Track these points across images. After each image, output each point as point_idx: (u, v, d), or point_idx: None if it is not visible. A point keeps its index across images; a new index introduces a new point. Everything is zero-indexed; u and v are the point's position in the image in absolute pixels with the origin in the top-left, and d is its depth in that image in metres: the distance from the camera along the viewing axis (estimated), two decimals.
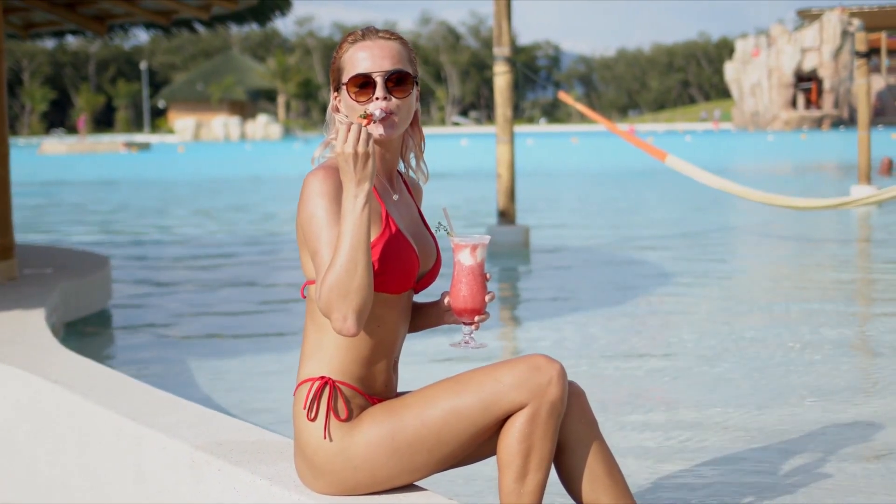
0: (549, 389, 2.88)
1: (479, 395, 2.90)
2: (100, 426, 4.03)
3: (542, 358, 2.92)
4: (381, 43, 2.98)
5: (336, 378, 2.95)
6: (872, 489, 4.53)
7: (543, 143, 71.19)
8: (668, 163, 12.86)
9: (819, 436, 5.34)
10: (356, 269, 2.76)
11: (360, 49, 2.97)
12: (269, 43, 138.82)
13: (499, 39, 14.32)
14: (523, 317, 9.67)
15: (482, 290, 3.02)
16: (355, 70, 2.95)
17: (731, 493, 4.51)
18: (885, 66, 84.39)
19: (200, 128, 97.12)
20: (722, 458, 5.00)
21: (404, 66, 2.98)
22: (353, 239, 2.76)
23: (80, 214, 22.75)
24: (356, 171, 2.76)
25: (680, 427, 5.57)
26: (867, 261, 13.14)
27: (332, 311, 2.78)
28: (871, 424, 5.55)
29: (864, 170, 20.50)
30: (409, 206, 3.12)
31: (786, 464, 4.88)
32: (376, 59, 2.94)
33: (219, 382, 6.95)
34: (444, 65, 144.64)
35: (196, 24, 12.37)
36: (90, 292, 9.05)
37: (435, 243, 3.14)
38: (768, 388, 6.38)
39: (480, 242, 3.01)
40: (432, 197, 16.84)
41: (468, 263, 3.00)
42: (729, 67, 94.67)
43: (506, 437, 2.90)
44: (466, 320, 3.03)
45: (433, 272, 3.12)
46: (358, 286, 2.76)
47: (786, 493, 4.47)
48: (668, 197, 23.73)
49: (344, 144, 2.76)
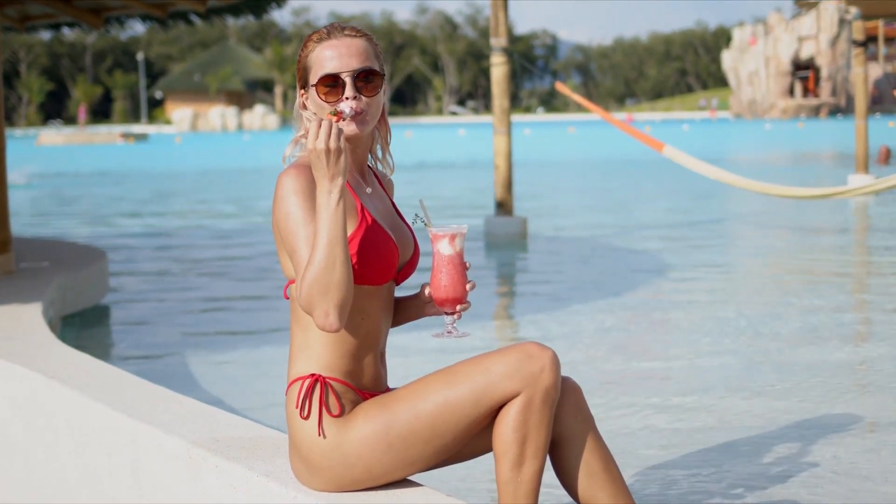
0: (542, 377, 2.87)
1: (472, 385, 2.89)
2: (96, 422, 4.02)
3: (534, 345, 2.91)
4: (348, 41, 2.98)
5: (325, 374, 2.95)
6: (870, 477, 4.54)
7: (541, 133, 71.18)
8: (665, 153, 12.85)
9: (815, 425, 5.34)
10: (335, 265, 2.76)
11: (326, 48, 2.97)
12: (265, 33, 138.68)
13: (496, 30, 14.31)
14: (520, 308, 9.67)
15: (462, 279, 3.02)
16: (323, 70, 2.95)
17: (731, 486, 4.51)
18: (882, 54, 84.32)
19: (198, 118, 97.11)
20: (721, 450, 5.00)
21: (371, 63, 2.99)
22: (330, 234, 2.76)
23: (77, 206, 22.73)
24: (329, 167, 2.77)
25: (676, 419, 5.57)
26: (864, 249, 13.15)
27: (313, 308, 2.79)
28: (869, 415, 5.56)
29: (862, 159, 20.50)
30: (382, 198, 3.13)
31: (783, 454, 4.88)
32: (344, 59, 2.95)
33: (215, 377, 6.95)
34: (442, 54, 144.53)
35: (192, 17, 12.34)
36: (87, 286, 9.04)
37: (412, 233, 3.15)
38: (767, 379, 6.38)
39: (458, 231, 3.02)
40: (430, 188, 16.81)
41: (447, 253, 3.01)
42: (726, 56, 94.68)
43: (500, 426, 2.89)
44: (448, 310, 3.04)
45: (413, 262, 3.12)
46: (338, 281, 2.77)
47: (780, 483, 4.47)
48: (665, 186, 23.72)
49: (315, 141, 2.77)
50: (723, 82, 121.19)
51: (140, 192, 26.39)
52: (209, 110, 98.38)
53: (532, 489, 2.90)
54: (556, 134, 71.01)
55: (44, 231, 16.79)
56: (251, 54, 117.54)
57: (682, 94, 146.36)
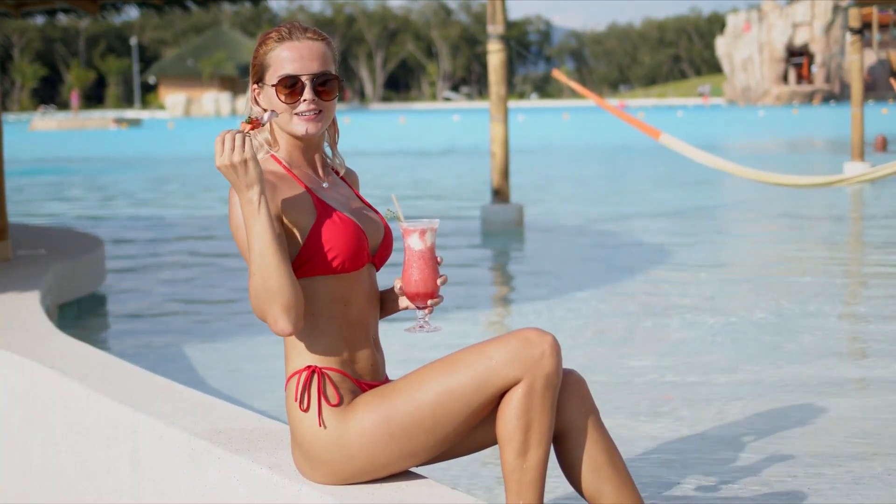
0: (543, 362, 2.86)
1: (472, 373, 2.89)
2: (95, 413, 4.00)
3: (533, 331, 2.91)
4: (309, 44, 3.02)
5: (321, 366, 2.96)
6: (870, 470, 4.54)
7: (535, 120, 71.12)
8: (662, 141, 12.84)
9: (812, 413, 5.34)
10: (270, 273, 2.80)
11: (287, 49, 3.01)
12: (259, 18, 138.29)
13: (493, 17, 14.27)
14: (517, 296, 9.65)
15: (434, 273, 3.03)
16: (283, 70, 2.99)
17: (728, 481, 4.51)
18: (876, 40, 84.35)
19: (191, 104, 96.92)
20: (719, 440, 5.00)
21: (330, 67, 3.04)
22: (260, 244, 2.80)
23: (70, 192, 22.68)
24: (241, 179, 2.80)
25: (674, 409, 5.57)
26: (860, 237, 13.15)
27: (264, 316, 2.84)
28: (867, 407, 5.56)
29: (858, 146, 20.50)
30: (342, 189, 3.16)
31: (780, 445, 4.88)
32: (305, 61, 2.99)
33: (214, 367, 6.93)
34: (435, 40, 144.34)
35: (189, 3, 12.29)
36: (84, 274, 9.02)
37: (380, 217, 3.17)
38: (762, 368, 6.38)
39: (429, 227, 3.03)
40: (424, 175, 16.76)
41: (418, 248, 3.02)
42: (720, 42, 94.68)
43: (503, 413, 2.89)
44: (420, 304, 3.05)
45: (386, 244, 3.14)
46: (277, 287, 2.81)
47: (779, 479, 4.47)
48: (660, 173, 23.71)
49: (220, 158, 2.80)
50: (716, 69, 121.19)
51: (135, 178, 26.34)
52: (202, 95, 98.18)
53: (538, 476, 2.90)
54: (550, 120, 70.96)
55: (37, 218, 16.74)
56: (245, 39, 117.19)
57: (676, 81, 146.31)
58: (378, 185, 21.55)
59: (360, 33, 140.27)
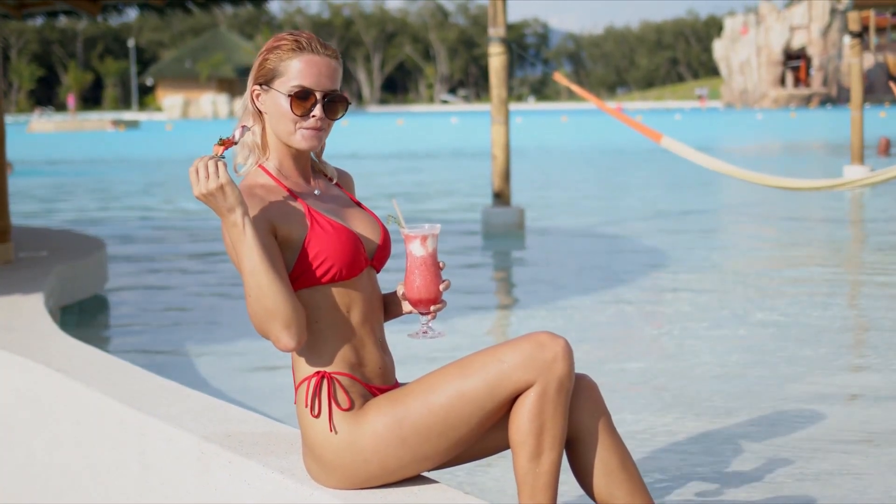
0: (556, 366, 2.86)
1: (485, 376, 2.88)
2: (102, 416, 3.99)
3: (546, 335, 2.90)
4: (328, 61, 3.02)
5: (330, 370, 2.95)
6: (869, 465, 4.54)
7: (533, 122, 71.12)
8: (663, 144, 12.84)
9: (812, 415, 5.33)
10: (264, 292, 2.81)
11: (305, 61, 3.00)
12: (257, 20, 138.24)
13: (494, 20, 14.26)
14: (519, 300, 9.65)
15: (436, 279, 3.02)
16: (299, 81, 2.98)
17: (735, 483, 4.50)
18: (873, 43, 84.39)
19: (189, 105, 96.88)
20: (720, 444, 4.99)
21: (339, 86, 3.06)
22: (250, 264, 2.81)
23: (69, 194, 22.66)
24: (221, 205, 2.81)
25: (674, 413, 5.56)
26: (860, 241, 13.15)
27: (266, 335, 2.85)
28: (867, 409, 5.55)
29: (857, 150, 20.47)
30: (335, 195, 3.16)
31: (782, 448, 4.88)
32: (321, 77, 3.00)
33: (220, 369, 6.91)
34: (433, 42, 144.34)
35: (190, 5, 12.28)
36: (86, 276, 9.00)
37: (377, 220, 3.16)
38: (762, 371, 6.38)
39: (431, 233, 3.02)
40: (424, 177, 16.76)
41: (420, 254, 3.01)
42: (718, 45, 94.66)
43: (516, 417, 2.88)
44: (422, 310, 3.04)
45: (384, 247, 3.13)
46: (273, 305, 2.81)
47: (780, 480, 4.47)
48: (660, 176, 23.72)
49: (197, 187, 2.81)
50: (714, 71, 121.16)
51: (134, 180, 26.32)
52: (200, 97, 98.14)
53: (551, 480, 2.89)
54: (548, 123, 70.95)
55: (38, 220, 16.72)
56: (242, 41, 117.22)
57: (674, 84, 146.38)
58: (377, 186, 21.53)
59: (358, 35, 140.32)
